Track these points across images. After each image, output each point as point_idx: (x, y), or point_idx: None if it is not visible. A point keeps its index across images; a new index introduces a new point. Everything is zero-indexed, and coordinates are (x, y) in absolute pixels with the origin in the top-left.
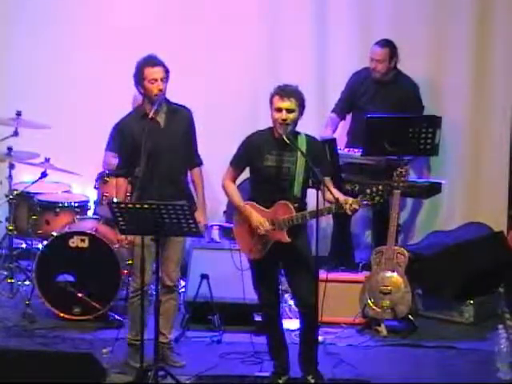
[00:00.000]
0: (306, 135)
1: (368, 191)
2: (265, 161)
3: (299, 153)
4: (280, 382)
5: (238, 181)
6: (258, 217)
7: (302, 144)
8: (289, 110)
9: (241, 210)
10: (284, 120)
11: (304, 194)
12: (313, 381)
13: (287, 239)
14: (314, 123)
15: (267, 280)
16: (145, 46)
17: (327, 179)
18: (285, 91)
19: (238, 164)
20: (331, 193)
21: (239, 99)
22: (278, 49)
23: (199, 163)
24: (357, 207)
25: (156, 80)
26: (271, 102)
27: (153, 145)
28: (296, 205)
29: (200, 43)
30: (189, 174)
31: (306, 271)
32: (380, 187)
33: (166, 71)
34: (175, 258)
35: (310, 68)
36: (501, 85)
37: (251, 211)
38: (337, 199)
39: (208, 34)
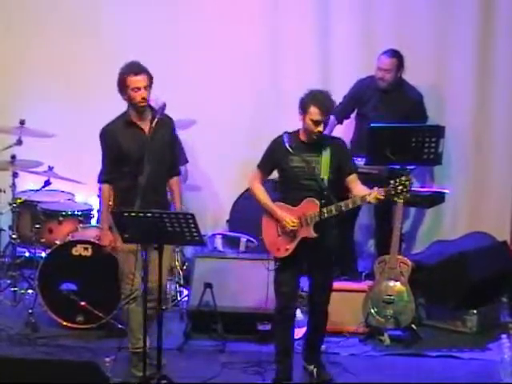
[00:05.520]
0: (329, 135)
1: (392, 182)
2: (290, 162)
3: (323, 153)
4: None
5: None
6: (286, 215)
7: (326, 144)
8: (325, 123)
9: (270, 209)
10: (320, 132)
11: (331, 193)
12: (315, 369)
13: (313, 234)
14: None
15: (291, 278)
16: (145, 54)
17: (354, 176)
18: (326, 106)
19: (264, 166)
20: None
21: (241, 107)
22: (281, 56)
23: (179, 172)
24: (381, 197)
25: (139, 88)
26: (306, 110)
27: (138, 152)
28: (323, 201)
29: (197, 48)
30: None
31: (329, 272)
32: (403, 178)
33: (150, 78)
34: (167, 264)
35: (312, 75)
36: (504, 94)
37: (279, 210)
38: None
39: (208, 40)
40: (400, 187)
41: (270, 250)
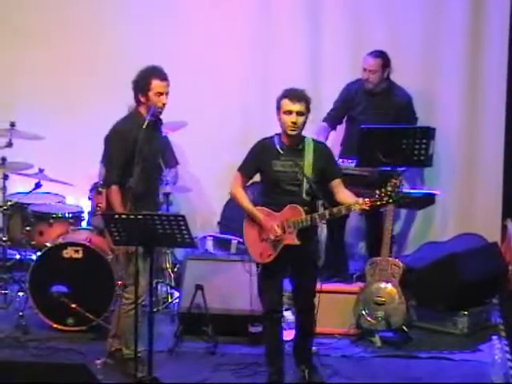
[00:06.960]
0: (312, 139)
1: (377, 192)
2: (273, 166)
3: (306, 157)
4: None
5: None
6: (269, 221)
7: (309, 147)
8: (299, 113)
9: (252, 214)
10: (294, 123)
11: (313, 198)
12: (307, 370)
13: (296, 242)
14: (307, 133)
15: (274, 283)
16: (135, 57)
17: (338, 181)
18: (295, 94)
19: (246, 170)
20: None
21: (231, 109)
22: (270, 60)
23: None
24: (366, 208)
25: (162, 94)
26: (279, 106)
27: (151, 154)
28: (306, 208)
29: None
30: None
31: (312, 275)
32: (389, 188)
33: (168, 86)
34: None
35: (301, 79)
36: (494, 96)
37: (262, 216)
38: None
39: (198, 42)
40: (386, 198)
41: (252, 254)
